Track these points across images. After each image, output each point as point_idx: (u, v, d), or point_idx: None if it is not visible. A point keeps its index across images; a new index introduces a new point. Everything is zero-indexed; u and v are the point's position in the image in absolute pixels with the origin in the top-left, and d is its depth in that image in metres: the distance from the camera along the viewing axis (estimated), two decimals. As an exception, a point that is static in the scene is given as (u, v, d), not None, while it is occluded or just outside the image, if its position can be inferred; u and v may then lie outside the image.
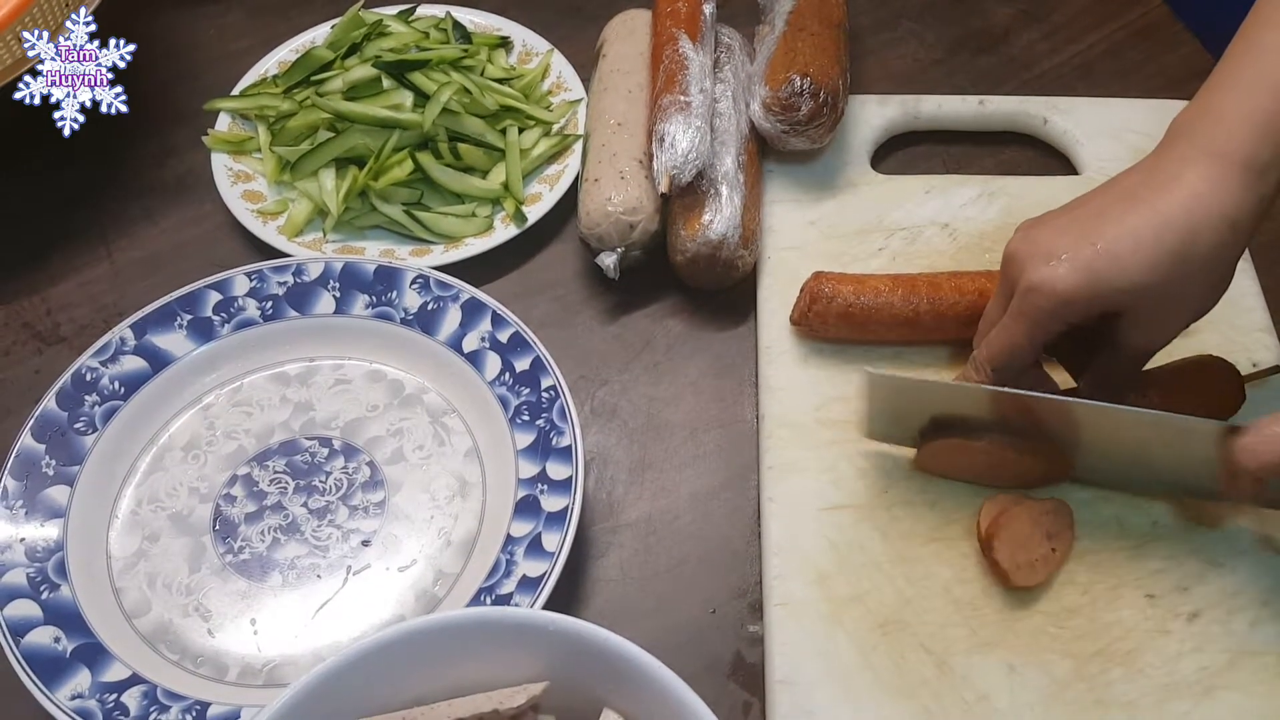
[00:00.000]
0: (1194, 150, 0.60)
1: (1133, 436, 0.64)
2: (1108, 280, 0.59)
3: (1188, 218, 0.58)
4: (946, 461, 0.69)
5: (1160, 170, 0.61)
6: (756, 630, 0.67)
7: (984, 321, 0.68)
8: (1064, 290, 0.60)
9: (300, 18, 0.99)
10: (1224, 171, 0.58)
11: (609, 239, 0.79)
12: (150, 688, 0.63)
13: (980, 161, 0.91)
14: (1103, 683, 0.62)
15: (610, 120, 0.84)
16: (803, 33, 0.84)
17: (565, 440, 0.70)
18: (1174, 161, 0.60)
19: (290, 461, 0.74)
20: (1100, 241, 0.59)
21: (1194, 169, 0.59)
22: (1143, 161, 0.63)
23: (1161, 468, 0.66)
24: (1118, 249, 0.59)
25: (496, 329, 0.75)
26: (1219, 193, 0.58)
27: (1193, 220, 0.58)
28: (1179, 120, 0.63)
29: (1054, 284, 0.60)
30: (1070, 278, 0.60)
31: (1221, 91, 0.61)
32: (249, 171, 0.87)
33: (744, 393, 0.78)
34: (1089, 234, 0.60)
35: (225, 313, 0.77)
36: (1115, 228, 0.59)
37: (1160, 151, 0.62)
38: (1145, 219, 0.59)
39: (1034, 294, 0.61)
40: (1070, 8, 1.02)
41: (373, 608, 0.68)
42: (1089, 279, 0.59)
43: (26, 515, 0.69)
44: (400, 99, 0.87)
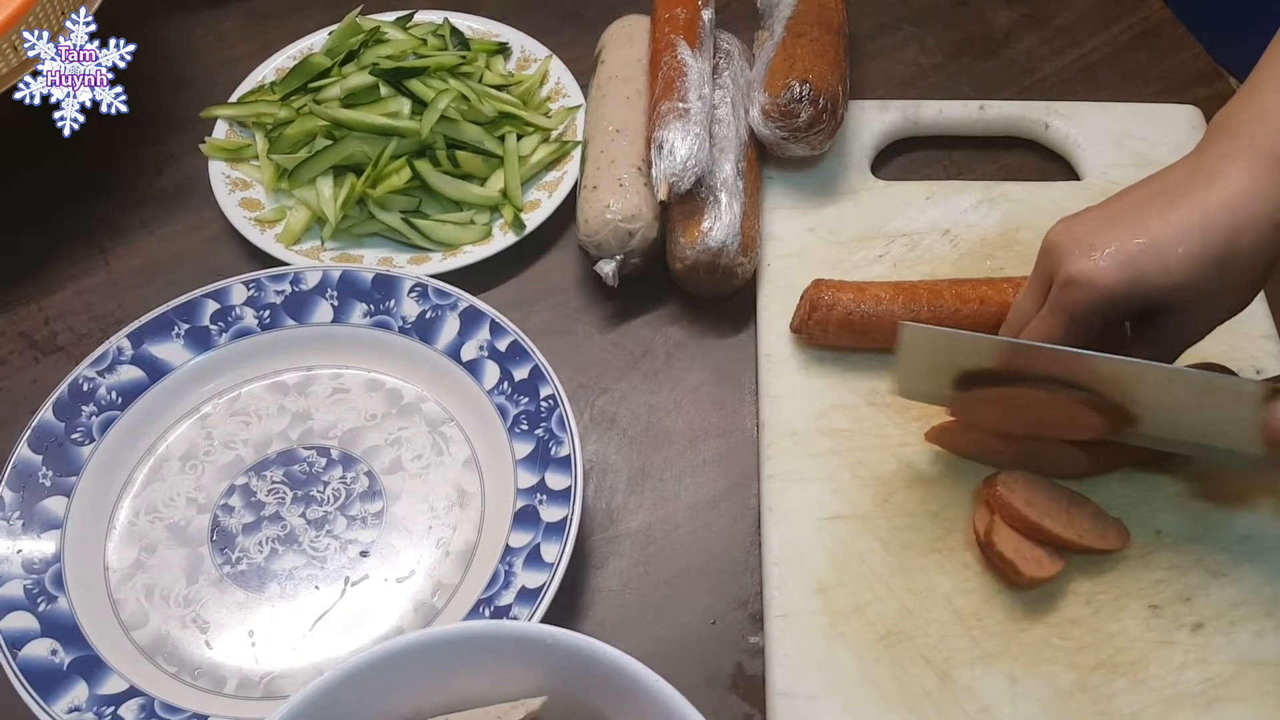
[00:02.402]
0: (1238, 147, 0.60)
1: (1174, 398, 0.63)
2: (1150, 275, 0.59)
3: (1231, 217, 0.58)
4: (986, 413, 0.67)
5: (1204, 166, 0.61)
6: (757, 641, 0.67)
7: (1013, 313, 0.67)
8: (1105, 283, 0.59)
9: (298, 24, 0.98)
10: (1269, 171, 0.58)
11: (608, 246, 0.78)
12: (148, 700, 0.63)
13: (981, 167, 0.90)
14: (1106, 694, 0.62)
15: (609, 127, 0.83)
16: (802, 39, 0.84)
17: (564, 450, 0.69)
18: (1218, 158, 0.60)
19: (288, 471, 0.73)
20: (1144, 236, 0.59)
21: (1238, 166, 0.59)
22: (1186, 158, 0.63)
23: (1200, 432, 0.64)
24: (1161, 244, 0.59)
25: (495, 337, 0.75)
26: (1263, 192, 0.58)
27: (1236, 220, 0.58)
28: (1222, 116, 0.63)
29: (1095, 277, 0.60)
30: (1112, 271, 0.59)
31: (1264, 91, 0.61)
32: (246, 179, 0.87)
33: (744, 401, 0.78)
34: (1132, 228, 0.60)
35: (223, 322, 0.77)
36: (1159, 223, 0.59)
37: (1203, 148, 0.62)
38: (1189, 214, 0.59)
39: (1074, 287, 0.61)
40: (1072, 12, 1.02)
41: (371, 619, 0.67)
42: (1132, 273, 0.59)
43: (24, 527, 0.68)
44: (398, 106, 0.86)
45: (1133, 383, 0.63)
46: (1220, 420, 0.63)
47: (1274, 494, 0.69)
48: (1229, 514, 0.69)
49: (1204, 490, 0.70)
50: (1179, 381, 0.62)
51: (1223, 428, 0.63)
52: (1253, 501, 0.69)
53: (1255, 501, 0.69)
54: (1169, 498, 0.69)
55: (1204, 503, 0.69)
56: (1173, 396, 0.63)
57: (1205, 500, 0.69)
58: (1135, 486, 0.70)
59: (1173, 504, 0.69)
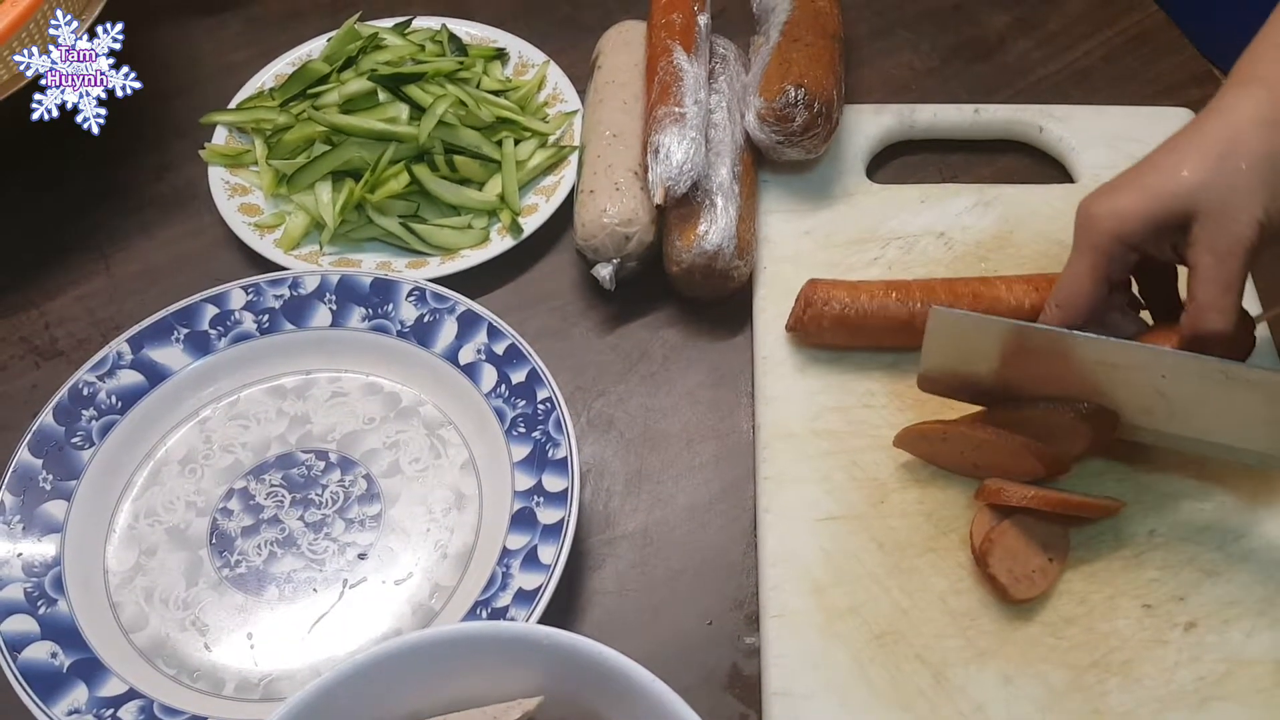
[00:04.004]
0: (1227, 87, 0.66)
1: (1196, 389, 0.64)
2: (1156, 188, 0.63)
3: (1226, 126, 0.63)
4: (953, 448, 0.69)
5: (1203, 113, 0.66)
6: (753, 642, 0.67)
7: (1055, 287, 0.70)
8: (1118, 205, 0.64)
9: (297, 31, 0.99)
10: (1257, 89, 0.64)
11: (605, 250, 0.79)
12: (147, 703, 0.63)
13: (976, 170, 0.91)
14: (1099, 693, 0.62)
15: (606, 132, 0.84)
16: (797, 43, 0.84)
17: (561, 452, 0.70)
18: (1214, 101, 0.66)
19: (287, 475, 0.74)
20: (1151, 166, 0.65)
21: (1229, 94, 0.65)
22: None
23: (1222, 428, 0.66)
24: (1164, 164, 0.64)
25: (493, 341, 0.75)
26: (1252, 102, 0.63)
27: (1231, 127, 0.63)
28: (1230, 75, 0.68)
29: (1109, 202, 0.65)
30: (1122, 195, 0.65)
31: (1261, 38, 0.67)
32: (246, 185, 0.88)
33: (740, 403, 0.78)
34: (1142, 166, 0.66)
35: (222, 326, 0.77)
36: (1164, 154, 0.65)
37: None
38: (1188, 138, 0.65)
39: (1090, 219, 0.65)
40: (1065, 15, 1.02)
41: (369, 621, 0.68)
42: (1139, 192, 0.64)
43: (24, 530, 0.69)
44: (396, 112, 0.87)
45: (1156, 372, 0.64)
46: (1243, 416, 0.64)
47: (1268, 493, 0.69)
48: (1222, 514, 0.69)
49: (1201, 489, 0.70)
50: (1204, 372, 0.63)
51: (1247, 425, 0.64)
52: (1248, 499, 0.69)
53: (1250, 499, 0.69)
54: (1162, 498, 0.70)
55: (1197, 503, 0.69)
56: (1198, 387, 0.64)
57: (1200, 500, 0.70)
58: (1129, 487, 0.70)
59: (1165, 504, 0.69)
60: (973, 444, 0.68)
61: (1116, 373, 0.65)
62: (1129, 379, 0.65)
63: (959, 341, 0.68)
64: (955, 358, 0.69)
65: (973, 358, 0.68)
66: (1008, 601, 0.65)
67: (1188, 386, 0.64)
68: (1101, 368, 0.65)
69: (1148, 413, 0.66)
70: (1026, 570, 0.65)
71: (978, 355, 0.68)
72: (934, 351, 0.69)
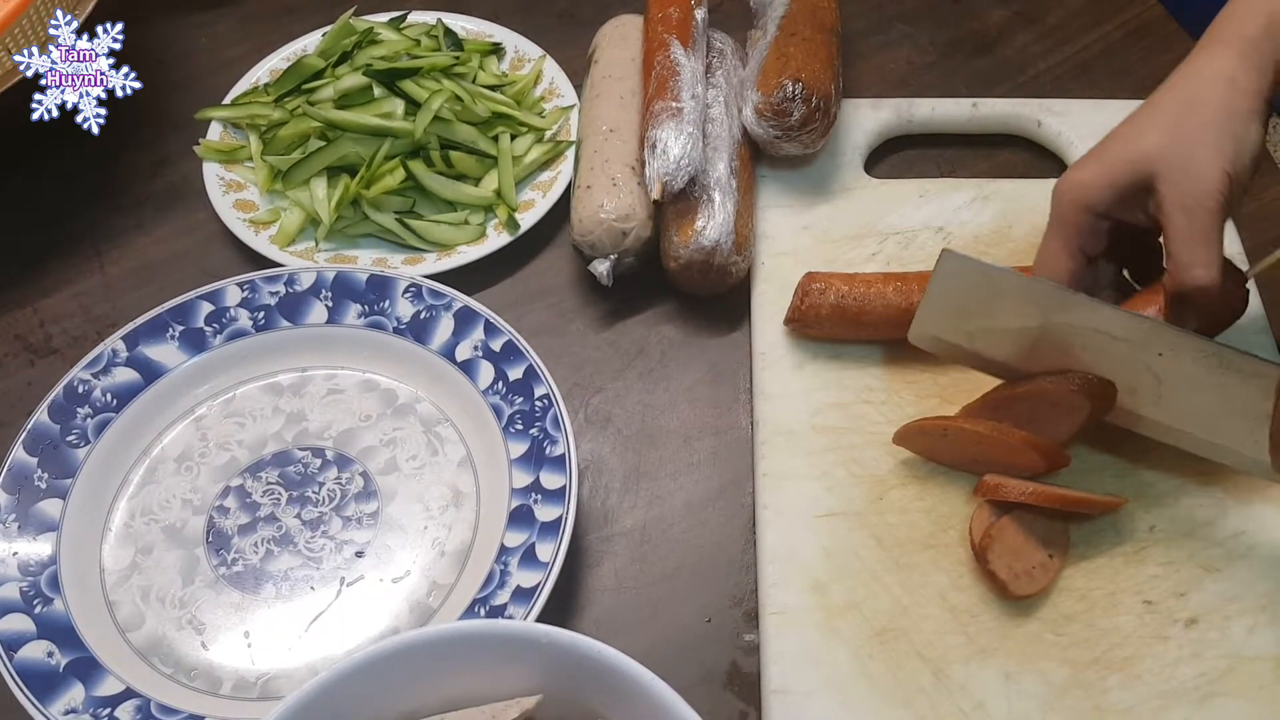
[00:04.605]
0: (1193, 53, 0.67)
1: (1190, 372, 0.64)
2: (1116, 153, 0.65)
3: (1186, 83, 0.65)
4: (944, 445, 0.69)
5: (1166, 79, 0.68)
6: (752, 639, 0.67)
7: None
8: (1081, 178, 0.66)
9: (291, 26, 0.99)
10: (1219, 48, 0.65)
11: (602, 246, 0.79)
12: (144, 702, 0.63)
13: (974, 165, 0.90)
14: (1100, 690, 0.62)
15: (603, 126, 0.83)
16: (795, 37, 0.84)
17: (559, 449, 0.69)
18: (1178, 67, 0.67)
19: (283, 472, 0.73)
20: (1112, 136, 0.67)
21: (1192, 58, 0.66)
22: None
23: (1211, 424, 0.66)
24: (1126, 132, 0.66)
25: (489, 337, 0.75)
26: (1211, 59, 0.65)
27: (1191, 85, 0.65)
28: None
29: (1072, 177, 0.67)
30: (1085, 167, 0.66)
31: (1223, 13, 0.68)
32: (241, 181, 0.87)
33: (738, 399, 0.78)
34: (1106, 138, 0.67)
35: (217, 323, 0.77)
36: (1127, 123, 0.67)
37: None
38: (1151, 103, 0.66)
39: (1057, 194, 0.67)
40: (1064, 9, 1.02)
41: (366, 619, 0.68)
42: (1099, 161, 0.66)
43: (19, 529, 0.69)
44: (392, 107, 0.86)
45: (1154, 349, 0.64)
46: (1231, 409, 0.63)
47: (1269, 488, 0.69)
48: (1222, 510, 0.69)
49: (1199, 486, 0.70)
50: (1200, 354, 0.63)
51: (1232, 419, 0.64)
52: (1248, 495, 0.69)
53: (1251, 495, 0.69)
54: (1162, 494, 0.70)
55: (1197, 498, 0.69)
56: (1191, 370, 0.64)
57: (1201, 496, 0.69)
58: (1129, 483, 0.70)
59: (1166, 500, 0.69)
60: (972, 439, 0.68)
61: (1114, 345, 0.65)
62: (1125, 354, 0.65)
63: (964, 292, 0.68)
64: (955, 310, 0.69)
65: (973, 311, 0.68)
66: (1008, 598, 0.65)
67: (1182, 368, 0.64)
68: (1099, 337, 0.65)
69: (1133, 393, 0.66)
70: (1026, 566, 0.65)
71: (979, 309, 0.68)
72: (935, 297, 0.69)
